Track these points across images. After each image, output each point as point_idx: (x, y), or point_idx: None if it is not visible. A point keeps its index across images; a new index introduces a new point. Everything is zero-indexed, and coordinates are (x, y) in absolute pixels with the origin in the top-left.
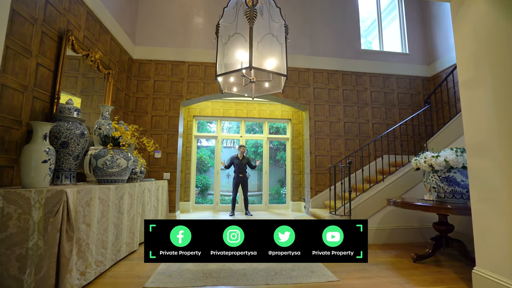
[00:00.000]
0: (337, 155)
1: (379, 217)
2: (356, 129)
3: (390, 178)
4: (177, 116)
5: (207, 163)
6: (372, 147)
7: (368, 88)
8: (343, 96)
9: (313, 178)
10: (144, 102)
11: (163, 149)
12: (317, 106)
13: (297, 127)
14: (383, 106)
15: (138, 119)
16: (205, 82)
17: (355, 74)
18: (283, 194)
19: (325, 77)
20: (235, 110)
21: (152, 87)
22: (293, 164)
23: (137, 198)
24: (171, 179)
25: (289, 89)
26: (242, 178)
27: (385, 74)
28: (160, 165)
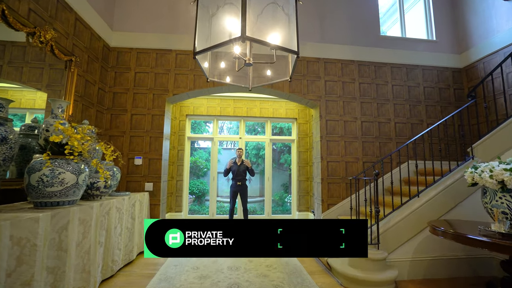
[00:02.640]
0: (353, 160)
1: (414, 245)
2: (375, 129)
3: (428, 193)
4: (162, 115)
5: (203, 167)
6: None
7: (389, 82)
8: (360, 90)
9: (325, 189)
10: (123, 98)
11: (145, 154)
12: (329, 102)
13: (303, 127)
14: (406, 103)
15: (115, 118)
16: (195, 74)
17: (374, 64)
18: (288, 202)
19: (338, 68)
20: (234, 108)
21: (133, 80)
22: (300, 170)
23: (96, 223)
24: (154, 190)
25: (296, 82)
26: (241, 186)
27: (408, 65)
28: (141, 174)
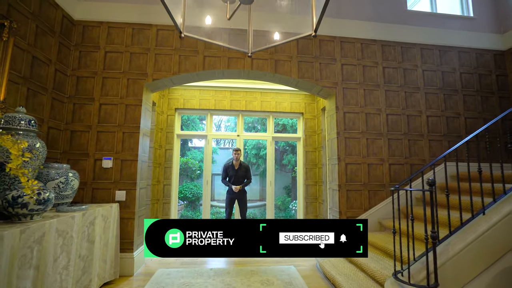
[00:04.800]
0: (377, 162)
1: (484, 283)
2: (403, 124)
3: (498, 208)
4: (138, 105)
5: (196, 169)
6: (426, 151)
7: (419, 66)
8: (384, 76)
9: (343, 198)
10: (89, 84)
11: (116, 154)
12: (347, 90)
13: (311, 123)
14: (440, 92)
15: (79, 109)
16: (182, 54)
17: (400, 45)
18: (293, 209)
19: (357, 49)
20: (230, 101)
21: (102, 62)
22: (307, 172)
23: (11, 260)
24: (127, 200)
25: (306, 66)
26: (238, 193)
27: (441, 46)
28: (111, 179)
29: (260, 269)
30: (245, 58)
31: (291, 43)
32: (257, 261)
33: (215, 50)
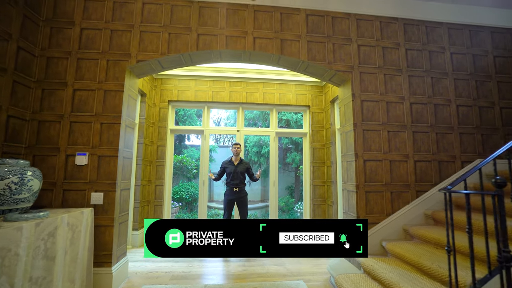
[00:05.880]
0: (401, 159)
1: None
2: (430, 114)
3: None
4: (120, 91)
5: (192, 168)
6: (457, 146)
7: (447, 48)
8: (407, 59)
9: (362, 200)
10: (61, 66)
11: (93, 149)
12: (364, 75)
13: (318, 117)
14: (471, 78)
15: (48, 96)
16: (172, 32)
17: (424, 24)
18: (298, 211)
19: (376, 28)
20: (230, 92)
21: (78, 40)
22: (314, 171)
23: None
24: (106, 203)
25: (317, 46)
26: (238, 193)
27: (472, 26)
28: (86, 179)
29: (264, 286)
30: (246, 37)
31: (299, 20)
32: (260, 275)
33: (211, 28)
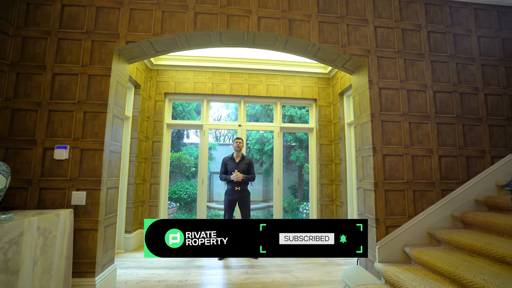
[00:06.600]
0: (424, 154)
1: None
2: (455, 104)
3: None
4: (107, 75)
5: (191, 166)
6: (486, 139)
7: (473, 31)
8: (430, 43)
9: (381, 201)
10: (39, 47)
11: (74, 142)
12: (383, 60)
13: (326, 111)
14: (501, 64)
15: (24, 81)
16: (166, 10)
17: (448, 4)
18: (304, 212)
19: (395, 7)
20: (231, 84)
21: (58, 18)
22: (321, 169)
23: None
24: (89, 204)
25: (329, 27)
26: (240, 193)
27: (500, 6)
28: (67, 176)
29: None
30: (250, 16)
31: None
32: (265, 285)
33: (210, 6)
